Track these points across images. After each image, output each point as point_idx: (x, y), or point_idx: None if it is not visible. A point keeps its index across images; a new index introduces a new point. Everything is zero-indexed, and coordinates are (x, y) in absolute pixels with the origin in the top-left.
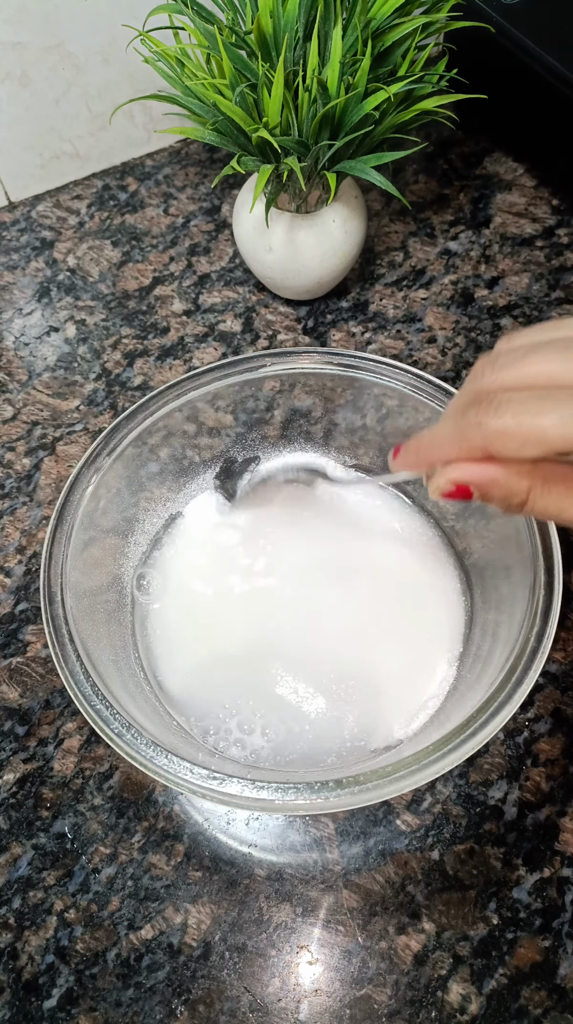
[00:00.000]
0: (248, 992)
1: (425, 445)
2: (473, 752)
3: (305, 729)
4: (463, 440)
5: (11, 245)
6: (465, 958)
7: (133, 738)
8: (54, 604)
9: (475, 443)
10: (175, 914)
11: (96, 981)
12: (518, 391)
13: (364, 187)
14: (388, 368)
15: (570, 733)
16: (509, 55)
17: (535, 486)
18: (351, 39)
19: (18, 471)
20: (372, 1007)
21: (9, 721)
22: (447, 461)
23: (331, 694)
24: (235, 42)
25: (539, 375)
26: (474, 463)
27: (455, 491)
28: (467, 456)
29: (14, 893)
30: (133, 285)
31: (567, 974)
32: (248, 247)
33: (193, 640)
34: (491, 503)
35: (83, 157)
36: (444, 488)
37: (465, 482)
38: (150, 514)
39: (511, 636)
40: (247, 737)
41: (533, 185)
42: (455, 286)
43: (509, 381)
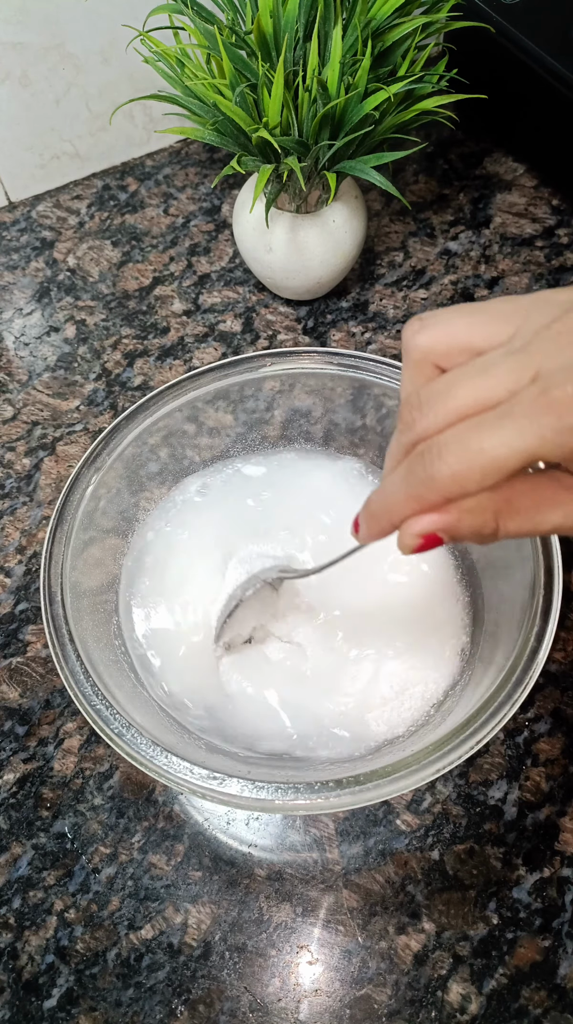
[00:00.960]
0: (248, 992)
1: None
2: (473, 752)
3: (305, 729)
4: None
5: (11, 245)
6: (465, 958)
7: (133, 738)
8: (54, 604)
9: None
10: (175, 914)
11: (96, 981)
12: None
13: (364, 187)
14: (388, 368)
15: (570, 733)
16: (509, 55)
17: (500, 511)
18: (351, 39)
19: (18, 471)
20: (372, 1007)
21: (9, 721)
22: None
23: (331, 693)
24: (235, 42)
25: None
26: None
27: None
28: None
29: (14, 893)
30: (133, 285)
31: (567, 974)
32: (248, 247)
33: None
34: (463, 541)
35: (83, 157)
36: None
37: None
38: (150, 514)
39: (511, 636)
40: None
41: (533, 185)
42: (455, 286)
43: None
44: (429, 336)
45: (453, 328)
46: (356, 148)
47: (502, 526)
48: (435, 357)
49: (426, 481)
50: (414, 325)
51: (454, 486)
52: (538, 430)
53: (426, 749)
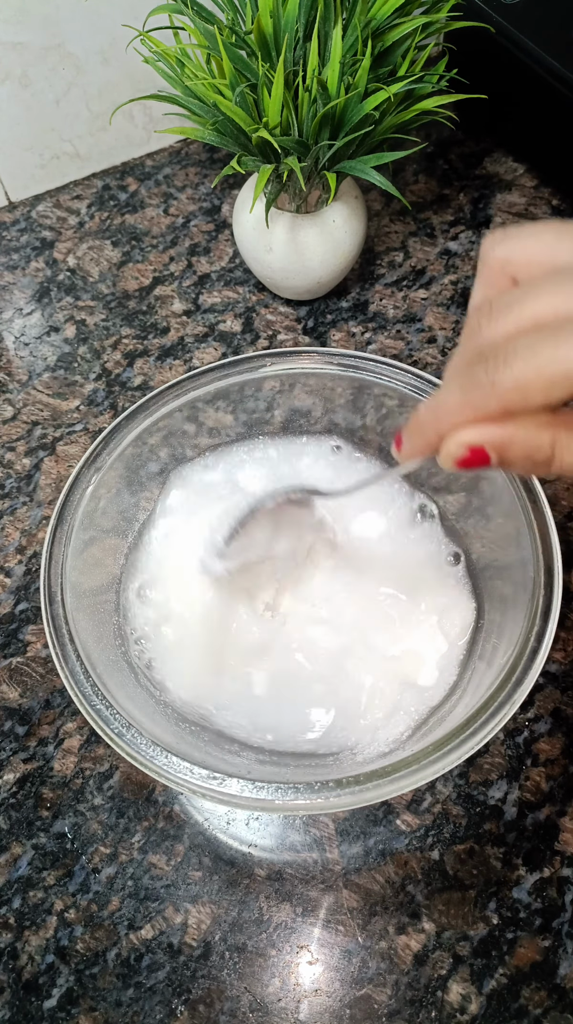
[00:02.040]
0: (248, 992)
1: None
2: (473, 752)
3: (305, 729)
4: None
5: (11, 245)
6: (465, 958)
7: (133, 738)
8: (54, 604)
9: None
10: (175, 914)
11: (96, 981)
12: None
13: (364, 187)
14: (388, 368)
15: (570, 733)
16: (509, 55)
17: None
18: (351, 39)
19: (18, 471)
20: (372, 1007)
21: (9, 721)
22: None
23: (330, 694)
24: (235, 42)
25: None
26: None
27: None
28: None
29: (14, 893)
30: (133, 285)
31: (567, 974)
32: (248, 247)
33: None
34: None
35: (83, 157)
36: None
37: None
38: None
39: (511, 636)
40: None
41: (533, 185)
42: (455, 286)
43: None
44: (511, 247)
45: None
46: (356, 148)
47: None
48: (513, 268)
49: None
50: (496, 235)
51: (517, 395)
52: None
53: (426, 749)
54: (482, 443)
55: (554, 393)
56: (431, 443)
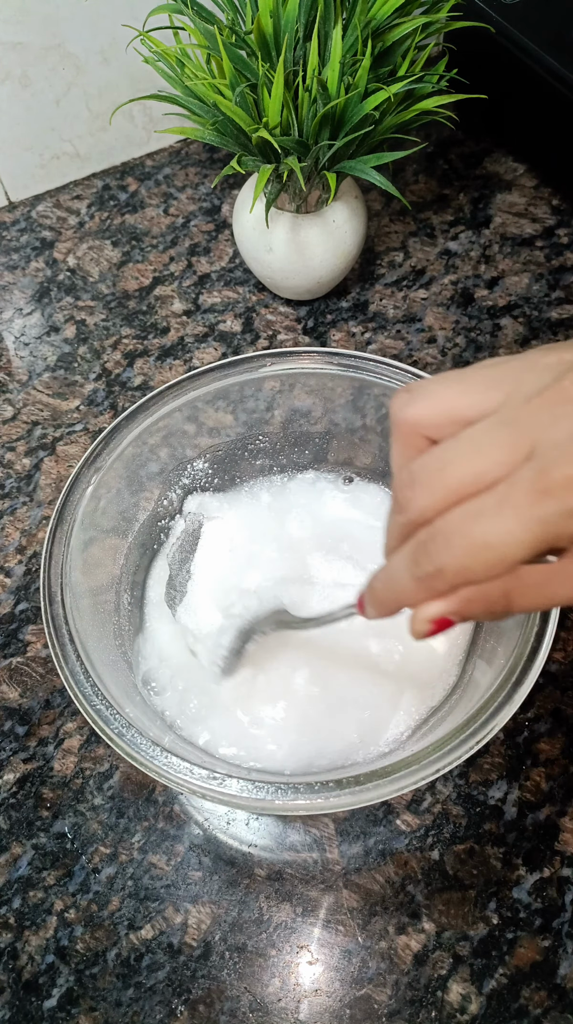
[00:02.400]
0: (248, 992)
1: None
2: (473, 752)
3: (304, 730)
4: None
5: (11, 245)
6: (465, 958)
7: (133, 738)
8: (54, 604)
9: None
10: (175, 914)
11: (96, 981)
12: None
13: (364, 187)
14: (388, 368)
15: (570, 733)
16: (509, 55)
17: (510, 589)
18: (351, 39)
19: (18, 471)
20: (372, 1007)
21: (9, 721)
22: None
23: (329, 696)
24: (235, 42)
25: (465, 482)
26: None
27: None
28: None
29: (14, 893)
30: (133, 285)
31: (567, 974)
32: (248, 247)
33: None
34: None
35: (83, 157)
36: (424, 631)
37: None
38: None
39: (511, 636)
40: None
41: (533, 185)
42: (455, 286)
43: (438, 500)
44: (417, 409)
45: (441, 398)
46: (356, 148)
47: (514, 603)
48: (424, 429)
49: (433, 575)
50: (402, 398)
51: (461, 578)
52: (541, 518)
53: (426, 749)
54: (444, 615)
55: (494, 572)
56: (392, 612)
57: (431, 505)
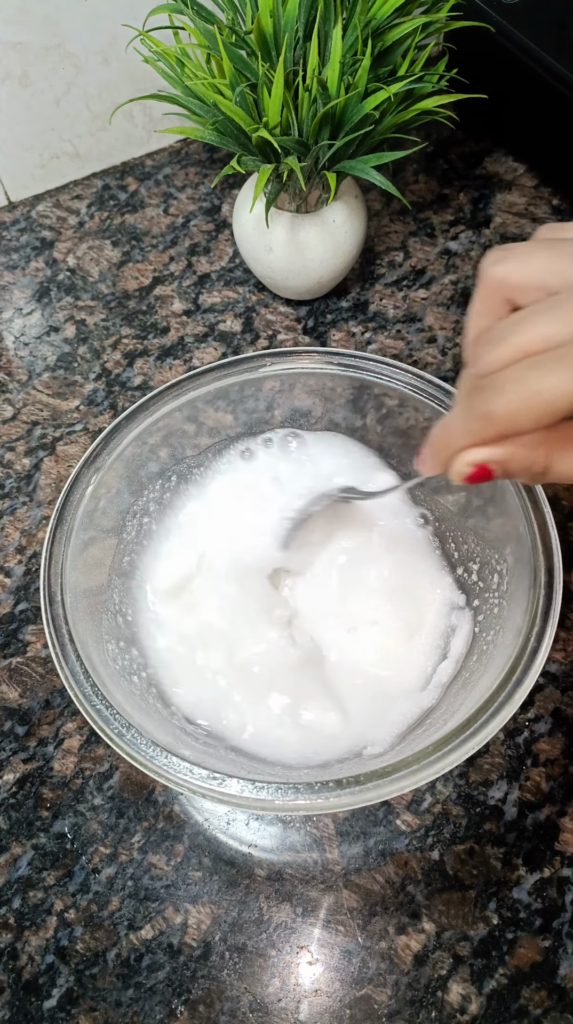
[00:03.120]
0: (248, 992)
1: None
2: (473, 752)
3: (304, 731)
4: (475, 431)
5: (11, 245)
6: (465, 958)
7: (133, 738)
8: (54, 604)
9: (488, 432)
10: (175, 914)
11: (96, 981)
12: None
13: (364, 187)
14: (388, 368)
15: (570, 733)
16: (509, 55)
17: (552, 451)
18: (351, 39)
19: (18, 471)
20: (372, 1007)
21: (9, 721)
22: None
23: (329, 697)
24: (235, 42)
25: (534, 342)
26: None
27: (476, 473)
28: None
29: (14, 893)
30: (133, 285)
31: (567, 974)
32: (248, 247)
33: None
34: (514, 477)
35: (83, 157)
36: (465, 472)
37: (483, 462)
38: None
39: (511, 636)
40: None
41: (533, 185)
42: (455, 286)
43: (505, 357)
44: (507, 268)
45: (532, 263)
46: (356, 148)
47: (553, 466)
48: (508, 290)
49: (483, 417)
50: (494, 255)
51: (509, 424)
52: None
53: (426, 749)
54: (485, 461)
55: (542, 420)
56: (444, 461)
57: (497, 360)
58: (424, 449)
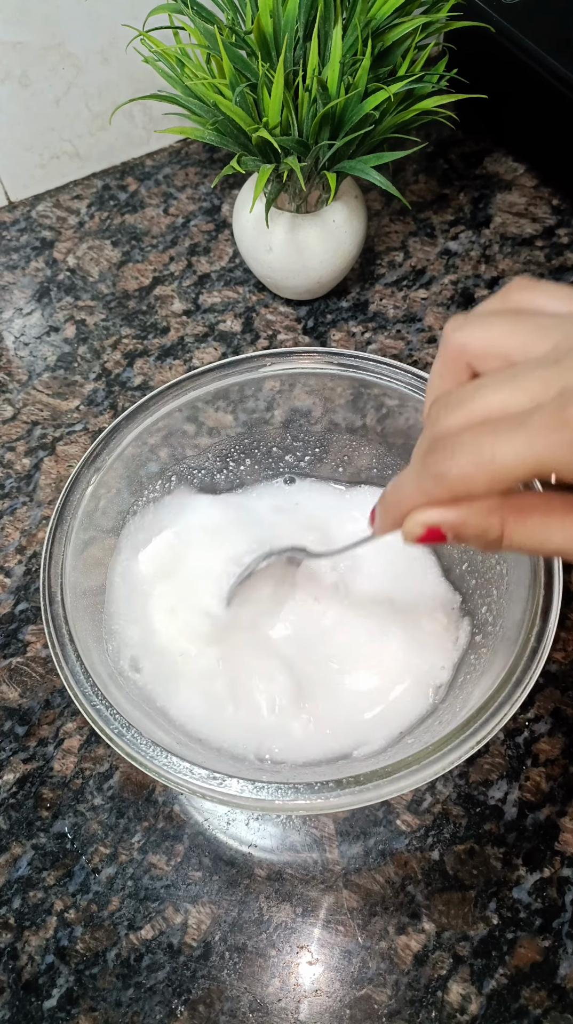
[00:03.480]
0: (248, 992)
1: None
2: (473, 752)
3: (303, 730)
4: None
5: (11, 245)
6: (465, 958)
7: (133, 738)
8: (54, 604)
9: (440, 493)
10: (175, 914)
11: (96, 981)
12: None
13: (364, 187)
14: (388, 368)
15: (570, 733)
16: (509, 55)
17: (508, 520)
18: (351, 39)
19: (18, 471)
20: (372, 1007)
21: (9, 721)
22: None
23: (329, 698)
24: (235, 42)
25: (492, 408)
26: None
27: (427, 534)
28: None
29: (14, 893)
30: (133, 285)
31: (567, 974)
32: (248, 247)
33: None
34: (466, 543)
35: (83, 157)
36: (416, 533)
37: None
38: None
39: (511, 636)
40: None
41: (533, 185)
42: (455, 286)
43: (463, 420)
44: (467, 336)
45: (493, 332)
46: (356, 148)
47: (507, 535)
48: (469, 357)
49: (436, 477)
50: (456, 321)
51: (461, 486)
52: (549, 443)
53: (426, 749)
54: (437, 524)
55: (494, 486)
56: (397, 520)
57: (455, 423)
58: (377, 507)
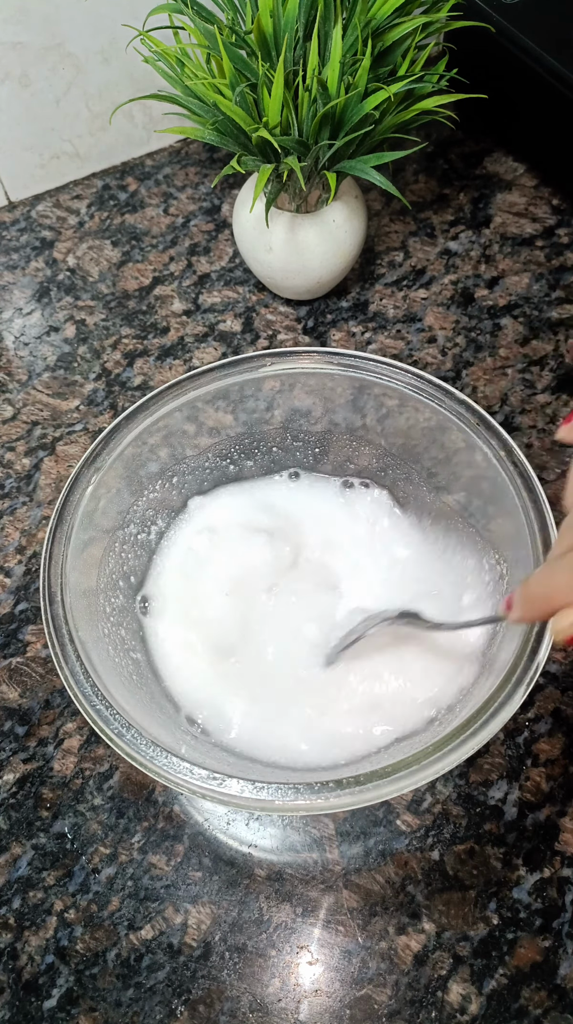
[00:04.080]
0: (248, 992)
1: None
2: (473, 752)
3: (303, 729)
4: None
5: (11, 245)
6: (465, 958)
7: (133, 738)
8: (54, 604)
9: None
10: (175, 914)
11: (96, 981)
12: None
13: (364, 187)
14: (388, 368)
15: (570, 733)
16: (509, 55)
17: None
18: (351, 39)
19: (18, 471)
20: (372, 1007)
21: (9, 721)
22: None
23: (330, 694)
24: (235, 42)
25: None
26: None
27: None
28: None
29: (14, 893)
30: (133, 285)
31: (567, 974)
32: (248, 247)
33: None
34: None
35: (83, 157)
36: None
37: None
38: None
39: (511, 636)
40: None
41: (533, 185)
42: (455, 286)
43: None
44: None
45: None
46: (356, 148)
47: None
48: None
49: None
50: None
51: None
52: None
53: (426, 749)
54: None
55: None
56: (543, 614)
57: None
58: (519, 595)
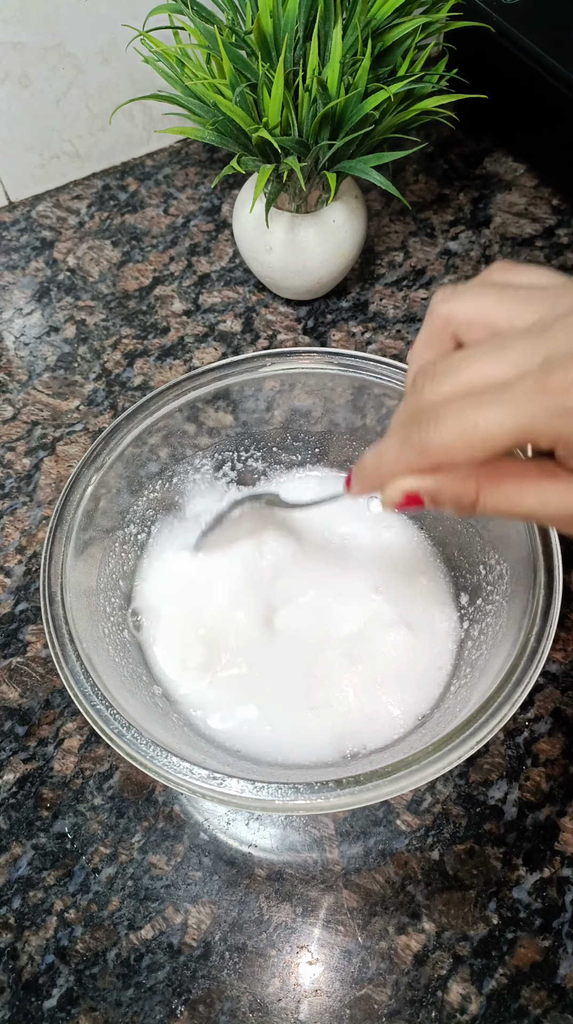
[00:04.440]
0: (248, 992)
1: (373, 468)
2: (473, 752)
3: (303, 729)
4: (409, 461)
5: (11, 245)
6: (465, 958)
7: (133, 738)
8: (54, 604)
9: (422, 462)
10: (175, 914)
11: (96, 981)
12: (455, 400)
13: (364, 187)
14: (388, 368)
15: (570, 733)
16: (509, 55)
17: (483, 485)
18: (351, 39)
19: (18, 471)
20: (372, 1007)
21: (9, 721)
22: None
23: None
24: (235, 42)
25: (476, 379)
26: (421, 473)
27: (405, 501)
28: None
29: (14, 893)
30: (133, 285)
31: (567, 974)
32: (248, 247)
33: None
34: (443, 508)
35: (83, 157)
36: (395, 499)
37: (414, 491)
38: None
39: (511, 636)
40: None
41: (533, 185)
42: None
43: (446, 392)
44: (455, 306)
45: (480, 303)
46: (356, 148)
47: (482, 499)
48: (455, 327)
49: (418, 447)
50: (443, 292)
51: (443, 456)
52: (531, 411)
53: (426, 749)
54: (416, 490)
55: (475, 455)
56: (375, 486)
57: (440, 394)
58: (354, 472)
